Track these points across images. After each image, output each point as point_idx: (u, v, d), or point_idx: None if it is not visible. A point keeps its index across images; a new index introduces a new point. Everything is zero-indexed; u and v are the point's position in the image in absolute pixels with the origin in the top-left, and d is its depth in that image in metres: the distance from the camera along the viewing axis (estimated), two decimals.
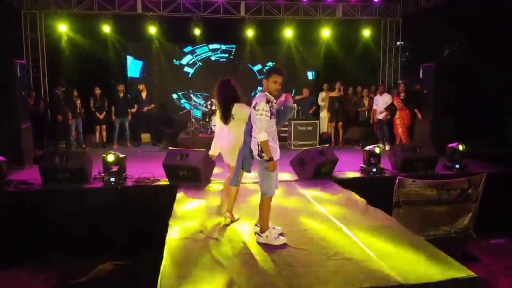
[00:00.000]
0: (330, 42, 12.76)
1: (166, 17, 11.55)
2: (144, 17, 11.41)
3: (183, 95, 13.30)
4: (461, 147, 7.47)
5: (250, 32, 11.81)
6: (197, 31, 11.57)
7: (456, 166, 7.46)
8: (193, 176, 6.58)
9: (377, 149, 7.16)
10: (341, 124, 10.87)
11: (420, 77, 10.08)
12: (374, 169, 7.12)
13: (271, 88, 4.06)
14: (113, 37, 11.83)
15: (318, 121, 10.93)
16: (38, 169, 6.54)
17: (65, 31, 11.39)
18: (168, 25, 11.77)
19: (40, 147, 9.53)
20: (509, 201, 7.05)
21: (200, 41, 12.45)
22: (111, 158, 6.50)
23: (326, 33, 12.17)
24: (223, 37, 12.78)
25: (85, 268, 5.30)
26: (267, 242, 4.05)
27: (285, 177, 6.98)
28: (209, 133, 10.65)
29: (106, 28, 11.25)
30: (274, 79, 4.03)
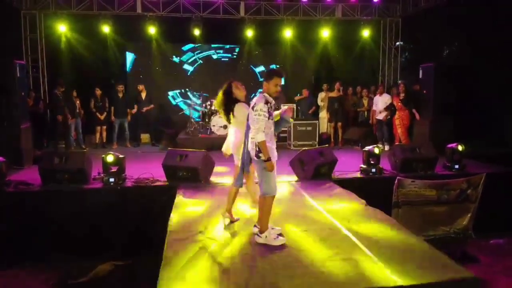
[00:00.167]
0: (330, 42, 12.77)
1: (165, 17, 11.57)
2: (144, 17, 11.41)
3: (180, 93, 13.25)
4: (460, 148, 7.48)
5: (249, 33, 11.82)
6: (196, 31, 11.58)
7: (455, 166, 7.47)
8: (192, 176, 6.59)
9: (376, 150, 7.17)
10: (340, 124, 10.87)
11: (419, 77, 10.08)
12: (373, 169, 7.12)
13: (271, 90, 4.09)
14: (112, 37, 11.84)
15: (318, 121, 10.93)
16: (37, 169, 6.54)
17: (64, 31, 11.40)
18: (168, 26, 11.78)
19: (40, 147, 9.52)
20: (509, 202, 7.06)
21: (200, 41, 12.45)
22: (110, 158, 6.50)
23: (325, 33, 12.18)
24: (222, 37, 12.79)
25: (84, 268, 5.29)
26: (266, 243, 4.06)
27: (285, 177, 6.98)
28: (208, 133, 10.66)
29: (106, 29, 11.26)
30: (276, 81, 4.07)
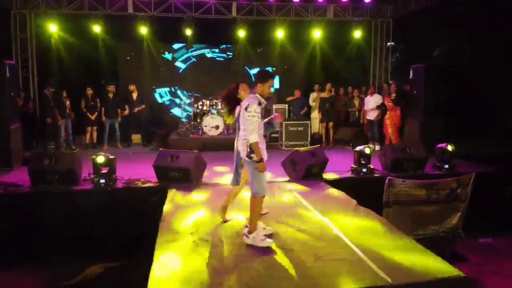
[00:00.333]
0: (322, 43, 12.81)
1: (157, 17, 11.52)
2: (135, 17, 11.36)
3: (169, 92, 13.09)
4: (450, 147, 7.54)
5: (242, 33, 11.82)
6: (188, 32, 11.55)
7: (445, 166, 7.54)
8: (184, 177, 6.57)
9: (367, 150, 7.21)
10: (332, 124, 10.92)
11: (410, 77, 10.16)
12: (364, 169, 7.16)
13: (266, 91, 4.12)
14: (103, 37, 11.76)
15: (309, 122, 10.97)
16: (27, 170, 6.47)
17: (55, 31, 11.30)
18: (160, 26, 11.73)
19: (29, 148, 9.43)
20: (498, 201, 7.14)
21: (192, 41, 12.41)
22: (101, 159, 6.45)
23: (317, 33, 12.22)
24: (215, 37, 12.75)
25: (75, 270, 5.25)
26: (253, 244, 4.04)
27: (276, 177, 6.99)
28: (200, 133, 10.64)
29: (97, 28, 11.19)
30: (270, 83, 4.13)
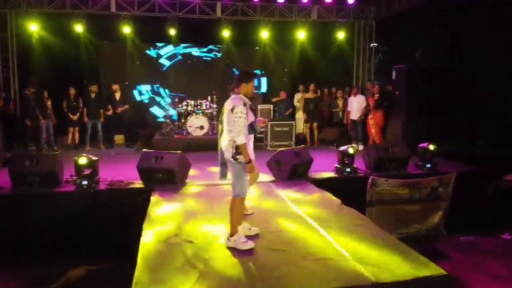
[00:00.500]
0: (306, 44, 12.88)
1: (140, 16, 11.41)
2: (118, 16, 11.24)
3: (150, 90, 12.86)
4: (432, 147, 7.66)
5: (226, 33, 11.80)
6: (172, 31, 11.48)
7: (427, 165, 7.66)
8: (168, 178, 6.52)
9: (350, 150, 7.28)
10: (316, 125, 11.00)
11: (392, 78, 10.29)
12: (348, 169, 7.23)
13: (249, 91, 4.12)
14: (86, 37, 11.61)
15: (294, 122, 11.03)
16: (7, 172, 6.34)
17: (36, 30, 11.10)
18: (143, 25, 11.63)
19: (10, 149, 9.24)
20: (479, 199, 7.28)
21: (176, 41, 12.34)
22: (83, 160, 6.37)
23: (301, 34, 12.28)
24: (199, 37, 12.68)
25: (56, 273, 5.17)
26: (235, 247, 4.02)
27: (262, 178, 6.99)
28: (185, 134, 10.59)
29: (79, 28, 11.03)
30: (253, 83, 4.15)
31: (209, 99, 11.15)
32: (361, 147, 9.86)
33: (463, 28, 11.12)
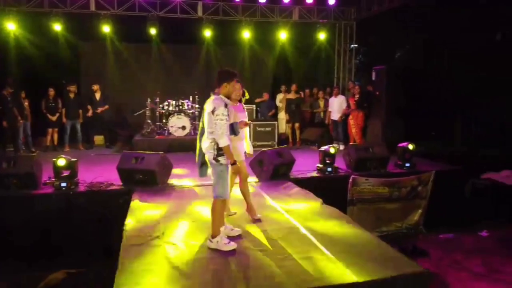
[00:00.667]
0: (287, 44, 12.92)
1: (120, 15, 11.26)
2: (98, 15, 11.07)
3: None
4: (411, 147, 7.79)
5: (208, 33, 11.73)
6: (153, 31, 11.36)
7: (406, 164, 7.78)
8: (149, 179, 6.46)
9: (332, 149, 7.35)
10: (298, 125, 11.08)
11: (372, 79, 10.42)
12: (329, 168, 7.30)
13: (230, 91, 4.09)
14: (64, 36, 11.38)
15: (277, 122, 11.07)
16: None
17: (14, 29, 10.83)
18: (123, 24, 11.48)
19: None
20: (457, 198, 7.44)
21: (157, 41, 12.21)
22: (61, 162, 6.26)
23: (283, 35, 12.31)
24: (181, 37, 12.57)
25: (35, 278, 5.05)
26: (217, 248, 4.00)
27: None
28: (166, 134, 10.50)
29: (57, 27, 10.80)
30: (235, 82, 4.10)
31: (190, 99, 11.09)
32: (342, 147, 9.95)
33: (437, 30, 11.35)
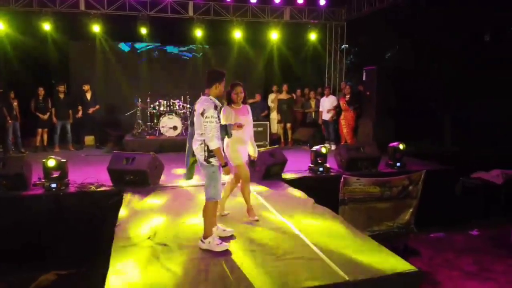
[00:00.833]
0: (279, 45, 12.96)
1: (110, 15, 11.19)
2: (87, 15, 10.98)
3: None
4: (401, 146, 7.85)
5: (199, 33, 11.71)
6: (143, 30, 11.31)
7: (397, 164, 7.84)
8: (140, 180, 6.42)
9: (323, 149, 7.38)
10: (289, 125, 11.11)
11: (363, 79, 10.47)
12: (321, 168, 7.33)
13: (221, 92, 4.07)
14: (54, 36, 11.28)
15: (269, 122, 11.08)
16: None
17: (2, 29, 10.72)
18: (113, 24, 11.41)
19: None
20: (448, 197, 7.50)
21: (148, 40, 12.15)
22: (51, 163, 6.20)
23: (274, 35, 12.33)
24: (172, 37, 12.53)
25: (26, 280, 5.00)
26: (209, 249, 3.99)
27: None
28: (157, 135, 10.45)
29: (47, 26, 10.71)
30: (224, 82, 4.07)
31: (182, 99, 11.05)
32: (333, 147, 9.99)
33: (427, 31, 11.45)
